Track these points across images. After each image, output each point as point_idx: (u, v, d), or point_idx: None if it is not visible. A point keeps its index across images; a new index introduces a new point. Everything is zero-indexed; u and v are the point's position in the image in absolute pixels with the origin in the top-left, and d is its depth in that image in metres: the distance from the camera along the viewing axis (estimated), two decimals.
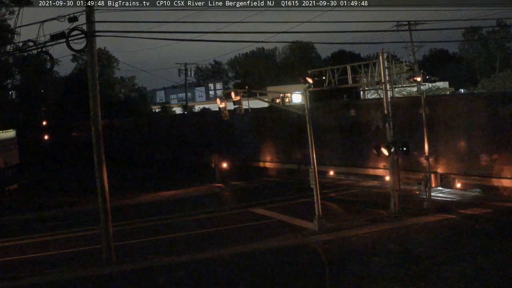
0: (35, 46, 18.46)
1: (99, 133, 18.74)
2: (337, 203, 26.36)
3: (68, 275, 17.60)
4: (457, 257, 16.29)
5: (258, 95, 24.55)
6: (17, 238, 23.89)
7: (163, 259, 18.78)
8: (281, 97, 28.03)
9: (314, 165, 21.20)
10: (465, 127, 26.63)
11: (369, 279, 14.97)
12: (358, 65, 25.25)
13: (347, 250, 18.36)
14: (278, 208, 26.40)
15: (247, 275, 16.40)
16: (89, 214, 27.60)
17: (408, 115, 29.07)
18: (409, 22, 52.52)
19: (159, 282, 16.26)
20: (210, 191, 34.01)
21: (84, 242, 22.03)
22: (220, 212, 26.86)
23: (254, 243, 19.95)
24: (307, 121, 21.38)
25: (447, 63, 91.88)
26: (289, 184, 33.87)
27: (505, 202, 23.43)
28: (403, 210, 22.65)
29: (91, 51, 18.43)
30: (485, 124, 25.59)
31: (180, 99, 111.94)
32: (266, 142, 40.83)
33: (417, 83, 24.31)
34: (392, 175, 22.90)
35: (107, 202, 18.72)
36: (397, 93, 37.68)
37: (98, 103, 18.79)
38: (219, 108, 22.33)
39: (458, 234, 19.08)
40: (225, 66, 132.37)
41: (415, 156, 26.50)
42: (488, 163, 25.22)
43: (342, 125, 34.25)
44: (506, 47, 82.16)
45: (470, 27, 74.87)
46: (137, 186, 38.04)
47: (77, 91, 68.36)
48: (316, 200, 20.95)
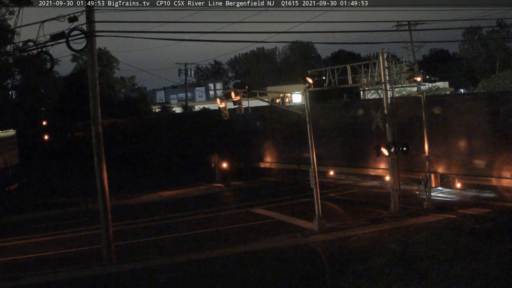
0: (35, 46, 18.47)
1: (99, 133, 18.74)
2: (337, 203, 26.35)
3: (68, 275, 17.60)
4: (457, 257, 16.28)
5: (258, 95, 24.53)
6: (17, 238, 23.90)
7: (163, 259, 18.79)
8: (281, 97, 28.05)
9: (314, 165, 21.19)
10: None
11: (369, 278, 14.97)
12: (358, 65, 25.23)
13: (347, 250, 18.35)
14: (278, 208, 26.40)
15: (247, 275, 16.41)
16: (89, 214, 27.61)
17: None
18: (409, 22, 52.60)
19: (159, 282, 16.25)
20: (210, 191, 34.00)
21: (84, 242, 22.04)
22: (220, 212, 26.86)
23: (254, 243, 19.94)
24: (307, 121, 21.38)
25: (447, 63, 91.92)
26: (289, 184, 33.86)
27: (505, 202, 23.42)
28: (403, 210, 22.65)
29: (91, 51, 18.43)
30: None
31: (180, 99, 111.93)
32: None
33: (417, 83, 24.30)
34: (392, 175, 22.90)
35: (107, 202, 18.72)
36: (397, 93, 37.66)
37: (98, 103, 18.79)
38: (219, 108, 22.34)
39: (458, 234, 19.07)
40: (225, 66, 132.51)
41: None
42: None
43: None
44: (506, 47, 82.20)
45: (470, 27, 74.99)
46: (137, 186, 38.04)
47: (77, 91, 68.36)
48: (316, 200, 20.95)
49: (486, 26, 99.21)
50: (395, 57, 57.12)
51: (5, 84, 54.42)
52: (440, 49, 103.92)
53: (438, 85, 56.10)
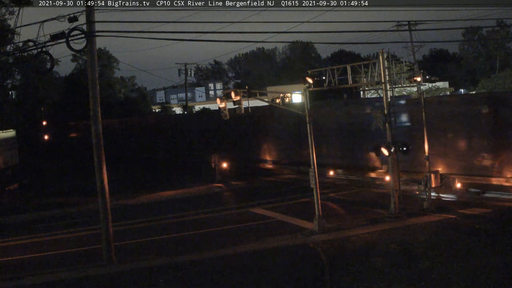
0: (35, 46, 18.45)
1: (99, 133, 18.74)
2: (337, 203, 26.35)
3: (68, 275, 17.61)
4: (457, 257, 16.28)
5: (258, 95, 24.50)
6: (17, 238, 23.90)
7: (163, 259, 18.79)
8: (281, 97, 28.07)
9: (314, 165, 21.19)
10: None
11: (369, 279, 14.97)
12: (358, 65, 25.23)
13: (347, 250, 18.36)
14: (278, 208, 26.39)
15: (247, 275, 16.41)
16: (89, 214, 27.60)
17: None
18: (409, 22, 52.51)
19: (159, 282, 16.25)
20: (210, 191, 33.99)
21: (84, 242, 22.04)
22: (220, 212, 26.85)
23: (254, 243, 19.94)
24: (307, 121, 21.37)
25: (447, 63, 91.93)
26: (289, 184, 33.85)
27: (505, 202, 23.42)
28: (403, 210, 22.65)
29: (91, 51, 18.43)
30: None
31: (180, 99, 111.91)
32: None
33: (417, 83, 24.30)
34: (392, 175, 22.90)
35: (107, 202, 18.72)
36: (397, 93, 37.67)
37: (98, 103, 18.78)
38: (219, 108, 22.35)
39: (458, 234, 19.07)
40: (225, 66, 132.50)
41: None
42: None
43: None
44: (506, 47, 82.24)
45: (470, 27, 75.00)
46: (137, 186, 38.04)
47: (77, 91, 68.36)
48: (316, 200, 20.95)
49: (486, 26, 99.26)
50: (395, 57, 57.15)
51: (5, 84, 54.35)
52: (440, 49, 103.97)
53: (438, 85, 56.08)
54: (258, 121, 40.63)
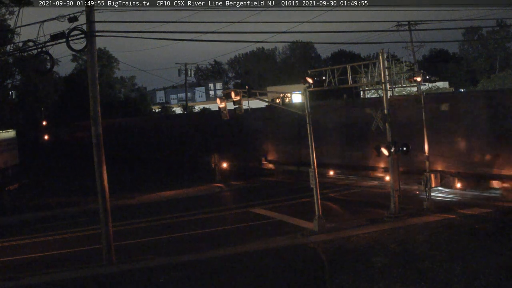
0: (35, 46, 18.46)
1: (99, 133, 18.74)
2: (337, 203, 26.35)
3: (68, 275, 17.60)
4: (457, 257, 16.28)
5: (258, 95, 24.51)
6: (17, 238, 23.90)
7: (163, 259, 18.79)
8: (281, 97, 28.07)
9: (314, 165, 21.19)
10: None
11: (369, 279, 14.97)
12: (358, 65, 25.23)
13: (347, 250, 18.35)
14: (278, 208, 26.39)
15: (247, 275, 16.41)
16: (89, 214, 27.59)
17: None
18: (409, 22, 52.56)
19: (159, 282, 16.25)
20: (210, 191, 33.99)
21: (84, 242, 22.03)
22: (220, 212, 26.86)
23: (254, 243, 19.94)
24: (307, 121, 21.37)
25: (447, 63, 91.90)
26: (289, 184, 33.85)
27: (505, 202, 23.42)
28: (403, 210, 22.64)
29: (91, 51, 18.43)
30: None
31: (180, 99, 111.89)
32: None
33: (417, 83, 24.28)
34: (392, 175, 22.88)
35: (107, 202, 18.72)
36: (397, 93, 37.66)
37: (98, 103, 18.79)
38: (219, 108, 22.33)
39: (458, 234, 19.07)
40: (225, 66, 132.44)
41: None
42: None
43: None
44: (506, 47, 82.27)
45: (470, 27, 75.00)
46: (137, 186, 38.03)
47: (77, 91, 68.37)
48: (316, 200, 20.94)
49: (486, 26, 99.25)
50: (395, 57, 57.12)
51: (5, 84, 54.38)
52: (440, 49, 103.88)
53: (438, 85, 56.16)
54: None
